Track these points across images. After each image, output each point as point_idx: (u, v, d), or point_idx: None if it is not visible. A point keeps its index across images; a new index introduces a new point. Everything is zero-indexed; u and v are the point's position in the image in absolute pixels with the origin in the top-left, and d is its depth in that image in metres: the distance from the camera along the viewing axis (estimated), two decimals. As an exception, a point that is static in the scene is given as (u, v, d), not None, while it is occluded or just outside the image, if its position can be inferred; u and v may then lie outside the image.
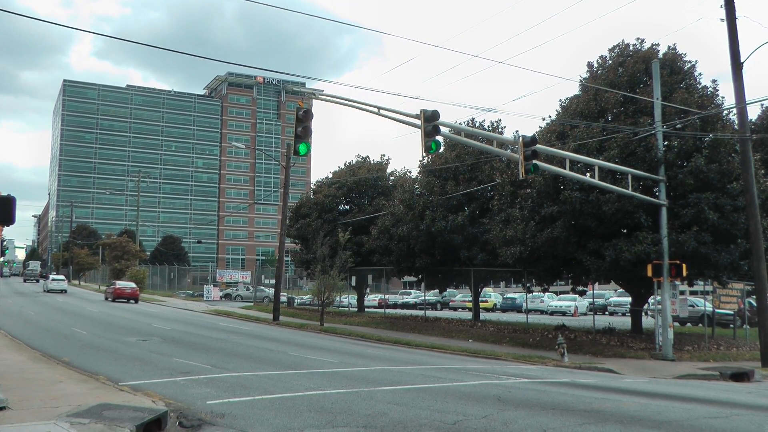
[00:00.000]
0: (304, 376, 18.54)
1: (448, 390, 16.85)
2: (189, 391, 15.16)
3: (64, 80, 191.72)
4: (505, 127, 42.59)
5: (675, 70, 32.41)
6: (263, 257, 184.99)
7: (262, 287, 78.93)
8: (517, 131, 33.52)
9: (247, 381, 17.17)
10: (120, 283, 65.43)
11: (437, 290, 59.45)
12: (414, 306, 67.75)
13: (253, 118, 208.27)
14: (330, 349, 28.70)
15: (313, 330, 40.08)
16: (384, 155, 57.09)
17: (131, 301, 61.69)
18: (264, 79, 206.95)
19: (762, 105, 44.34)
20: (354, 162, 55.92)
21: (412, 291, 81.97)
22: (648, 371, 25.41)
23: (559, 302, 61.91)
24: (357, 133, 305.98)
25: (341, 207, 54.59)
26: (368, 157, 56.15)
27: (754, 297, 31.49)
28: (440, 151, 34.72)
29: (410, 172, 51.14)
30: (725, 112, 31.66)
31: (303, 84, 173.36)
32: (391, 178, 54.10)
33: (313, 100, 29.73)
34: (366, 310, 57.74)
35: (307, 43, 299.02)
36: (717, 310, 39.18)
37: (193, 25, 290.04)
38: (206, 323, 40.95)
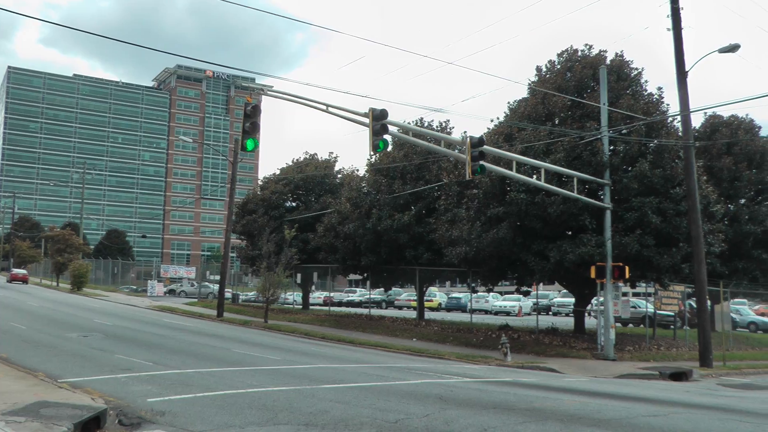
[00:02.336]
0: (246, 374, 18.44)
1: (390, 389, 16.87)
2: (130, 389, 14.97)
3: (9, 67, 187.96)
4: (453, 127, 42.85)
5: (622, 77, 32.89)
6: (209, 253, 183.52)
7: (206, 283, 78.24)
8: (465, 132, 33.73)
9: (190, 378, 17.01)
10: (15, 270, 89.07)
11: (382, 289, 59.55)
12: (359, 304, 67.73)
13: (202, 112, 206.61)
14: (274, 346, 28.58)
15: (258, 327, 39.87)
16: (332, 153, 57.06)
17: (23, 282, 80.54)
18: (213, 73, 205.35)
19: (705, 113, 45.15)
20: (302, 159, 55.84)
21: (358, 289, 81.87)
22: (589, 371, 25.74)
23: (503, 302, 62.30)
24: (306, 130, 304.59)
25: (288, 204, 54.34)
26: (316, 154, 56.19)
27: (695, 299, 32.09)
28: (388, 150, 34.82)
29: (358, 170, 51.21)
30: (670, 119, 32.27)
31: (253, 79, 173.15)
32: (339, 175, 54.10)
33: (263, 96, 29.59)
34: (311, 307, 57.56)
35: (258, 38, 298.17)
36: (658, 312, 39.92)
37: (143, 15, 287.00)
38: (149, 319, 40.48)
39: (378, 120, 22.48)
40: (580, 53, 34.13)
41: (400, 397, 15.35)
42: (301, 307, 57.18)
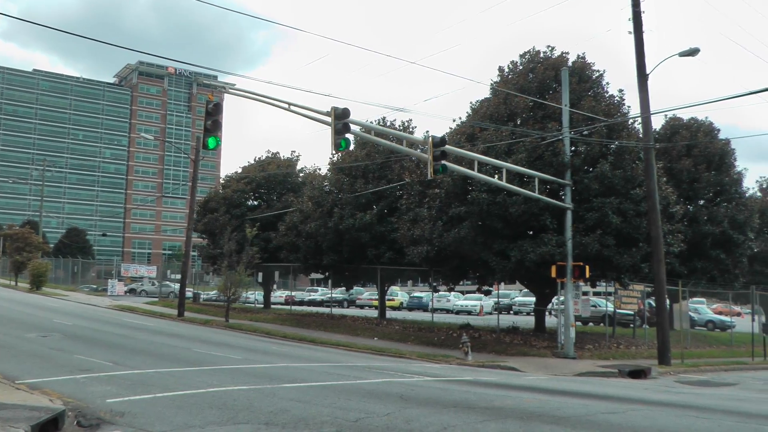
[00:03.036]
0: (207, 373, 18.35)
1: (351, 387, 16.88)
2: (89, 389, 14.80)
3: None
4: (415, 127, 42.99)
5: (583, 79, 33.14)
6: (170, 252, 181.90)
7: (167, 282, 77.65)
8: (427, 131, 33.81)
9: (149, 378, 16.88)
10: None
11: (344, 288, 59.51)
12: (321, 303, 67.61)
13: (164, 109, 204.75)
14: (234, 345, 28.49)
15: (219, 326, 39.70)
16: (294, 151, 57.21)
17: None
18: (176, 70, 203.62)
19: (666, 116, 45.73)
20: (264, 158, 55.63)
21: (319, 288, 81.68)
22: (550, 369, 25.94)
23: (465, 301, 62.49)
24: (268, 129, 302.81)
25: (250, 202, 54.10)
26: (278, 153, 55.98)
27: (654, 298, 32.48)
28: (350, 149, 34.82)
29: (320, 169, 51.18)
30: (630, 120, 32.58)
31: (215, 77, 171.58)
32: (301, 174, 54.01)
33: (225, 94, 29.36)
34: (272, 306, 57.39)
35: (222, 36, 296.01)
36: (618, 311, 40.40)
37: (105, 10, 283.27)
38: (109, 319, 40.11)
39: (340, 119, 22.47)
40: (542, 54, 34.34)
41: (361, 396, 15.36)
42: (262, 306, 56.97)
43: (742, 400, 19.97)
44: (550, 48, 34.45)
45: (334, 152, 35.83)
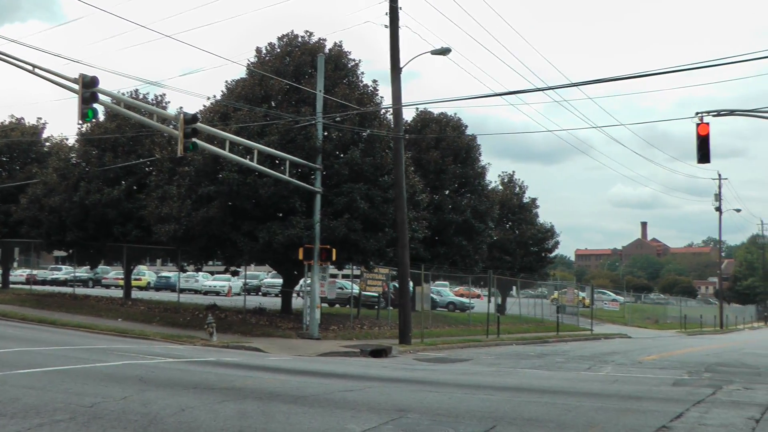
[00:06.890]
0: (-70, 363, 17.08)
1: (89, 371, 16.32)
2: None
3: None
4: (169, 102, 42.04)
5: (339, 66, 33.79)
6: None
7: None
8: (181, 107, 33.13)
9: None
10: None
11: (89, 266, 57.32)
12: (64, 283, 64.51)
13: None
14: (-35, 329, 26.78)
15: (-51, 308, 37.09)
16: (41, 119, 53.57)
17: None
18: None
19: (417, 108, 47.48)
20: (7, 123, 52.25)
21: (63, 267, 78.02)
22: (294, 350, 26.36)
23: (213, 282, 62.20)
24: (12, 92, 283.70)
25: (-11, 171, 50.77)
26: (23, 119, 52.68)
27: (398, 281, 33.84)
28: (101, 120, 33.59)
29: (67, 139, 48.72)
30: (383, 111, 33.71)
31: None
32: (47, 144, 51.24)
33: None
34: (12, 286, 54.08)
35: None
36: (364, 293, 41.68)
37: None
38: None
39: (88, 87, 21.67)
40: (300, 39, 34.61)
41: (98, 380, 14.91)
42: (0, 286, 53.80)
43: (473, 374, 21.24)
44: (308, 33, 34.79)
45: (81, 122, 34.33)
